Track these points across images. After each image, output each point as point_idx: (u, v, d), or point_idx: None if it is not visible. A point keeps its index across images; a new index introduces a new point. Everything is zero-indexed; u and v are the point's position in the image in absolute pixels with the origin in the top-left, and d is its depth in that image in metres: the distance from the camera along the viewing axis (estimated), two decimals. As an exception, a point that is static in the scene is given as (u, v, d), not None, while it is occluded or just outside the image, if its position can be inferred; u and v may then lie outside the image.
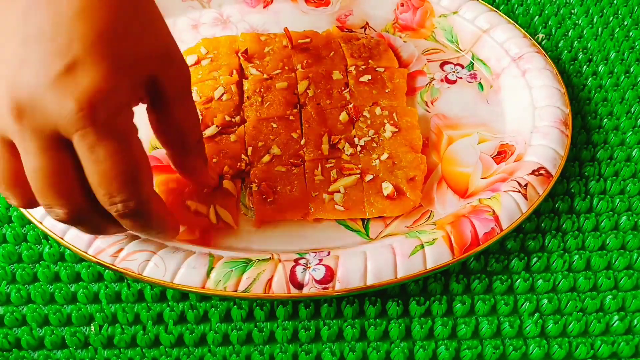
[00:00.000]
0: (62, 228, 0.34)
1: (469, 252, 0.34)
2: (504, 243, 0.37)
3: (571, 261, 0.36)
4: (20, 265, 0.36)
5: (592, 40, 0.49)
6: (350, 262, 0.33)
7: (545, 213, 0.38)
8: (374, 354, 0.32)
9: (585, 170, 0.40)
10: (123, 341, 0.33)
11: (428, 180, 0.39)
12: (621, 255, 0.36)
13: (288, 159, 0.39)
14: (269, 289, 0.32)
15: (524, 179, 0.37)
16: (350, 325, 0.33)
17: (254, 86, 0.42)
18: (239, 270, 0.32)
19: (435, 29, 0.48)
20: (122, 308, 0.34)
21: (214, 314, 0.34)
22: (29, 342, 0.33)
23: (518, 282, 0.35)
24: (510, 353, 0.33)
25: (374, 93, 0.42)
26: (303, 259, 0.33)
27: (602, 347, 0.33)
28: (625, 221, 0.38)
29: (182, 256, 0.33)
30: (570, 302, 0.34)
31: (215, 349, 0.33)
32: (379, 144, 0.39)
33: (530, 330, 0.33)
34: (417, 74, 0.46)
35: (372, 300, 0.34)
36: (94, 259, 0.33)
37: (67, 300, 0.35)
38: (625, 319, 0.34)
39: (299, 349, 0.33)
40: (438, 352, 0.33)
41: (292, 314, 0.34)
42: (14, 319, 0.34)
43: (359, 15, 0.50)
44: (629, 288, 0.35)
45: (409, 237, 0.34)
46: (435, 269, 0.33)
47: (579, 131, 0.42)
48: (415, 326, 0.33)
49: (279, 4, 0.50)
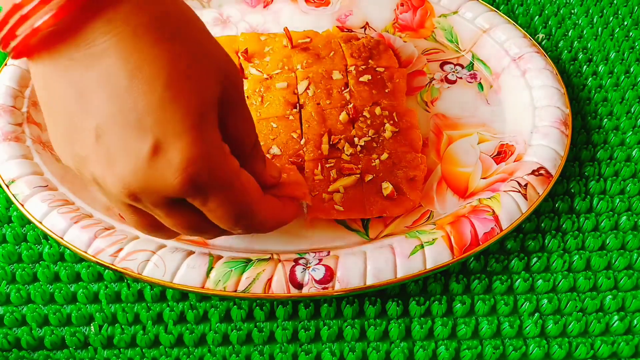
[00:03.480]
0: (62, 228, 0.34)
1: (469, 252, 0.34)
2: (504, 243, 0.37)
3: (571, 261, 0.36)
4: (20, 265, 0.36)
5: (592, 40, 0.49)
6: (350, 262, 0.33)
7: (545, 213, 0.38)
8: (374, 354, 0.32)
9: (585, 170, 0.40)
10: (123, 341, 0.33)
11: (428, 180, 0.39)
12: (621, 255, 0.36)
13: (288, 158, 0.39)
14: (268, 289, 0.32)
15: (524, 179, 0.37)
16: (350, 325, 0.33)
17: (254, 86, 0.42)
18: (239, 270, 0.32)
19: (435, 29, 0.48)
20: (121, 308, 0.34)
21: (213, 314, 0.34)
22: (28, 342, 0.33)
23: (518, 282, 0.35)
24: (510, 353, 0.33)
25: (373, 93, 0.42)
26: (303, 259, 0.33)
27: (602, 347, 0.33)
28: (625, 221, 0.38)
29: (182, 256, 0.33)
30: (570, 302, 0.34)
31: (215, 349, 0.33)
32: (379, 143, 0.39)
33: (530, 330, 0.33)
34: (417, 74, 0.46)
35: (372, 301, 0.34)
36: (93, 259, 0.33)
37: (67, 300, 0.35)
38: (625, 319, 0.34)
39: (298, 349, 0.33)
40: (438, 352, 0.33)
41: (292, 314, 0.34)
42: (13, 319, 0.34)
43: (359, 15, 0.50)
44: (629, 288, 0.35)
45: (408, 237, 0.34)
46: (435, 269, 0.33)
47: (579, 131, 0.42)
48: (415, 326, 0.33)
49: (279, 4, 0.50)
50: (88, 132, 0.25)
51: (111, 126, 0.25)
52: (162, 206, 0.27)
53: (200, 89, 0.26)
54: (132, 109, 0.24)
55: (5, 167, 0.37)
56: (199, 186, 0.26)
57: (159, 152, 0.25)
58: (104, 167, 0.25)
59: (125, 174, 0.25)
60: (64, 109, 0.25)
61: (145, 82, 0.24)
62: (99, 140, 0.25)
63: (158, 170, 0.25)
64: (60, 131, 0.26)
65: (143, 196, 0.26)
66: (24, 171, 0.37)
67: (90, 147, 0.25)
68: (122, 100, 0.24)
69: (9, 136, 0.38)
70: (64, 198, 0.36)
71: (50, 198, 0.36)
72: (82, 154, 0.26)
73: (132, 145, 0.25)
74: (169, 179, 0.25)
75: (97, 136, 0.25)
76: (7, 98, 0.41)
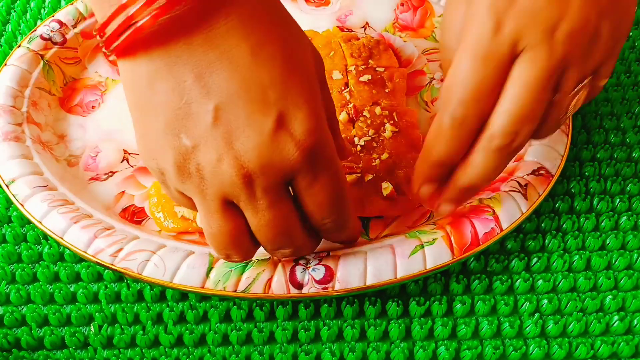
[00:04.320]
0: (62, 228, 0.34)
1: (469, 252, 0.34)
2: (504, 243, 0.37)
3: (571, 261, 0.36)
4: (19, 265, 0.36)
5: (592, 40, 0.48)
6: (350, 262, 0.33)
7: (545, 213, 0.38)
8: (374, 354, 0.32)
9: (585, 170, 0.40)
10: (123, 341, 0.33)
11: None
12: (621, 256, 0.36)
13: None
14: (268, 289, 0.32)
15: (524, 179, 0.37)
16: (350, 326, 0.33)
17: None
18: (239, 270, 0.32)
19: (435, 28, 0.48)
20: (121, 308, 0.34)
21: (213, 314, 0.34)
22: (28, 342, 0.33)
23: (518, 283, 0.35)
24: (510, 353, 0.33)
25: (374, 93, 0.42)
26: (303, 258, 0.33)
27: (602, 347, 0.33)
28: (625, 221, 0.38)
29: (182, 256, 0.33)
30: (571, 302, 0.34)
31: (214, 349, 0.33)
32: (379, 143, 0.39)
33: (530, 331, 0.33)
34: (417, 74, 0.46)
35: (372, 301, 0.34)
36: (93, 259, 0.33)
37: (67, 300, 0.35)
38: (625, 319, 0.34)
39: (298, 349, 0.33)
40: (438, 353, 0.33)
41: (291, 314, 0.34)
42: (13, 319, 0.34)
43: (359, 15, 0.50)
44: (629, 288, 0.35)
45: (408, 237, 0.34)
46: (435, 269, 0.33)
47: (579, 131, 0.42)
48: (415, 326, 0.33)
49: (279, 4, 0.50)
50: (204, 115, 0.26)
51: (234, 103, 0.26)
52: (272, 191, 0.27)
53: (307, 66, 0.28)
54: (256, 84, 0.26)
55: (5, 167, 0.37)
56: (316, 159, 0.27)
57: (283, 124, 0.26)
58: (222, 148, 0.26)
59: (246, 149, 0.26)
60: (168, 103, 0.26)
61: (268, 59, 0.26)
62: (217, 122, 0.26)
63: (281, 143, 0.26)
64: (159, 127, 0.27)
65: (259, 176, 0.26)
66: (24, 171, 0.37)
67: (205, 131, 0.26)
68: (245, 77, 0.26)
69: (9, 136, 0.38)
70: (63, 198, 0.36)
71: (50, 198, 0.36)
72: (190, 144, 0.26)
73: (256, 120, 0.26)
74: (290, 151, 0.26)
75: (215, 117, 0.26)
76: (7, 98, 0.41)
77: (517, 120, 0.28)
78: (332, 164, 0.28)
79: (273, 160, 0.26)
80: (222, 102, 0.26)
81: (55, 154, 0.40)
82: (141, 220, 0.37)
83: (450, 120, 0.29)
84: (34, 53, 0.43)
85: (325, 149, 0.27)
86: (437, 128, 0.30)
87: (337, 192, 0.29)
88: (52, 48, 0.44)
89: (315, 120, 0.27)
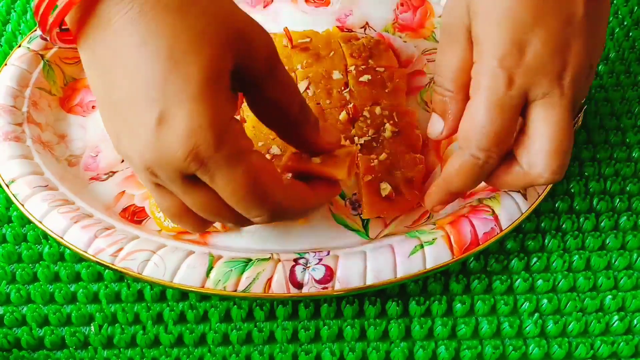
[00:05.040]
0: (62, 228, 0.34)
1: (469, 252, 0.34)
2: (504, 243, 0.37)
3: (571, 261, 0.36)
4: (20, 265, 0.36)
5: (592, 40, 0.48)
6: (349, 261, 0.33)
7: (545, 213, 0.38)
8: (374, 354, 0.32)
9: (585, 170, 0.40)
10: (123, 341, 0.33)
11: (427, 181, 0.39)
12: (621, 255, 0.36)
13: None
14: (268, 289, 0.32)
15: (524, 178, 0.37)
16: (350, 325, 0.33)
17: (254, 86, 0.42)
18: (239, 269, 0.32)
19: (435, 29, 0.48)
20: (121, 308, 0.34)
21: (213, 314, 0.34)
22: (28, 342, 0.33)
23: (518, 282, 0.35)
24: (510, 353, 0.33)
25: (373, 93, 0.42)
26: (303, 258, 0.33)
27: (602, 347, 0.33)
28: (625, 221, 0.38)
29: (182, 256, 0.33)
30: (570, 302, 0.34)
31: (215, 349, 0.33)
32: (378, 143, 0.39)
33: (530, 330, 0.33)
34: (417, 74, 0.46)
35: (372, 300, 0.34)
36: (93, 259, 0.33)
37: (67, 300, 0.35)
38: (625, 319, 0.34)
39: (298, 349, 0.33)
40: (438, 352, 0.33)
41: (291, 313, 0.34)
42: (14, 318, 0.34)
43: (359, 15, 0.49)
44: (629, 288, 0.35)
45: (408, 237, 0.34)
46: (435, 268, 0.33)
47: (579, 131, 0.42)
48: (415, 326, 0.33)
49: (279, 4, 0.50)
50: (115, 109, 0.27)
51: (127, 101, 0.26)
52: (177, 182, 0.27)
53: (205, 58, 0.26)
54: (141, 83, 0.25)
55: (5, 167, 0.37)
56: (203, 159, 0.26)
57: (164, 121, 0.25)
58: (129, 142, 0.26)
59: (140, 147, 0.26)
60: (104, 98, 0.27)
61: (150, 56, 0.25)
62: (121, 117, 0.26)
63: (165, 141, 0.25)
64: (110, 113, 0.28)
65: (157, 170, 0.26)
66: (24, 171, 0.37)
67: (120, 124, 0.27)
68: (133, 75, 0.26)
69: (9, 136, 0.38)
70: (64, 198, 0.36)
71: (50, 198, 0.36)
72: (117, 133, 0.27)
73: (143, 118, 0.26)
74: (174, 150, 0.25)
75: (118, 113, 0.26)
76: (7, 98, 0.41)
77: (562, 157, 0.30)
78: (231, 163, 0.26)
79: (162, 157, 0.26)
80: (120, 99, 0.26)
81: (56, 154, 0.40)
82: (141, 220, 0.37)
83: (473, 161, 0.31)
84: (34, 53, 0.43)
85: (218, 149, 0.26)
86: (460, 166, 0.32)
87: (245, 190, 0.27)
88: (52, 48, 0.44)
89: (201, 118, 0.25)
